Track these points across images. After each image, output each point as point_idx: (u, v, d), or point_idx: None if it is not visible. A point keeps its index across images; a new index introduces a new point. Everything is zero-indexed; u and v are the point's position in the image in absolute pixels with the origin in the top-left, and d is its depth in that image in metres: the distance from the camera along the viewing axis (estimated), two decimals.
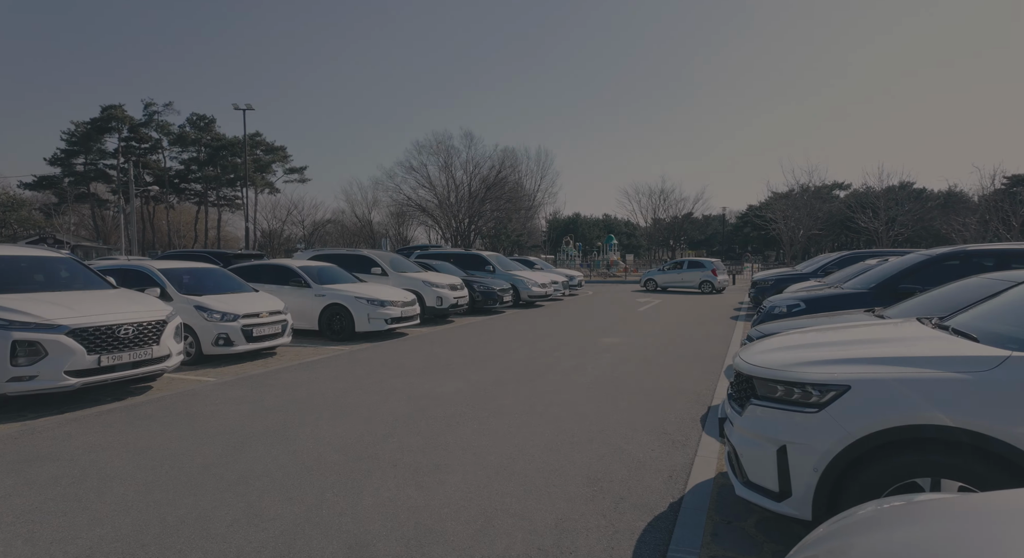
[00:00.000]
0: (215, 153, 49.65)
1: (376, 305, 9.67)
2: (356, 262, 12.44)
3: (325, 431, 4.63)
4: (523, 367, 7.36)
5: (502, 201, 48.60)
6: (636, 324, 12.11)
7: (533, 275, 16.97)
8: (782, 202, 36.69)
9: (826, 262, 12.78)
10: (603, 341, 9.66)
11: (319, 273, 10.41)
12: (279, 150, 53.19)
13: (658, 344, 9.31)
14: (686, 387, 6.21)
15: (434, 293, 11.96)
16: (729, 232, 78.71)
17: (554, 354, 8.37)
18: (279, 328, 8.22)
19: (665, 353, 8.41)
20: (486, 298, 14.11)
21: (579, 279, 21.61)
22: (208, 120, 51.49)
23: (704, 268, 22.42)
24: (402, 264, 12.90)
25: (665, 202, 41.29)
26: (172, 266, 8.50)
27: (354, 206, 50.04)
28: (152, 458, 4.01)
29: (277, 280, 10.18)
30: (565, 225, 71.89)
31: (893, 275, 6.14)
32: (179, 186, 54.03)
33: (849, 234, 42.50)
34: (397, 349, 8.90)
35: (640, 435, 4.50)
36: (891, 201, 33.05)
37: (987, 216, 28.87)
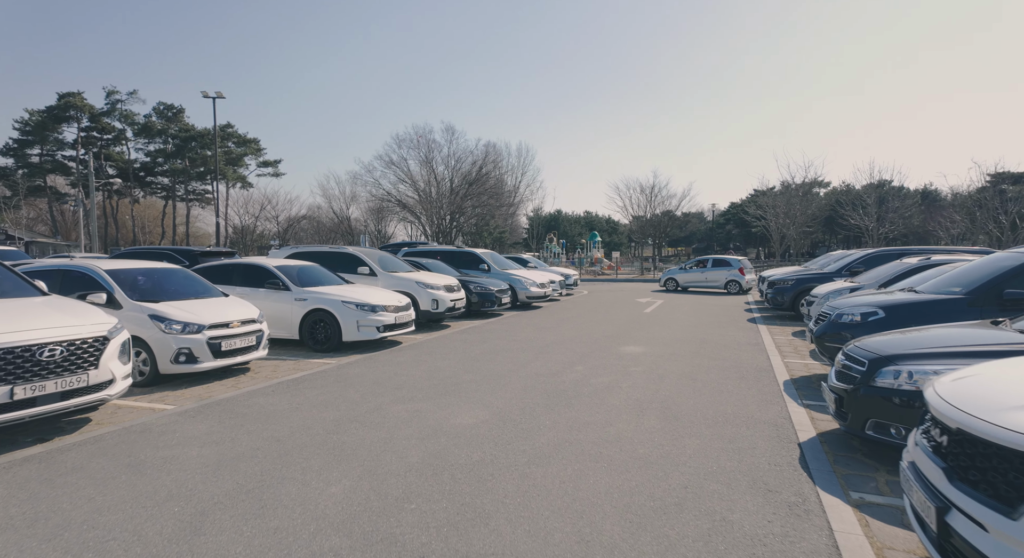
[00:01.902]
0: (183, 144, 47.06)
1: (367, 311, 8.43)
2: (340, 261, 11.14)
3: (317, 493, 3.45)
4: (546, 386, 6.25)
5: (484, 197, 47.39)
6: (650, 328, 11.11)
7: (531, 274, 15.86)
8: (771, 198, 36.29)
9: (850, 261, 11.99)
10: (624, 350, 8.61)
11: (299, 274, 9.11)
12: (252, 142, 50.83)
13: (687, 354, 8.30)
14: (753, 415, 5.18)
15: (429, 295, 10.75)
16: (710, 229, 78.95)
17: (576, 368, 7.28)
18: (253, 340, 6.94)
19: (702, 366, 7.40)
20: (483, 300, 12.95)
21: (575, 278, 20.60)
22: (176, 110, 48.85)
23: (731, 267, 21.02)
24: (392, 263, 11.64)
25: (657, 198, 40.60)
26: (124, 266, 7.13)
27: (331, 201, 48.22)
28: (62, 550, 2.77)
29: (250, 282, 8.85)
30: (547, 222, 70.95)
31: (993, 278, 5.22)
32: (145, 179, 51.21)
33: (840, 231, 42.55)
34: (393, 362, 7.69)
35: (739, 494, 3.43)
36: (883, 197, 32.90)
37: (976, 213, 28.90)
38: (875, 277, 10.14)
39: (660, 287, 22.67)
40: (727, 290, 20.81)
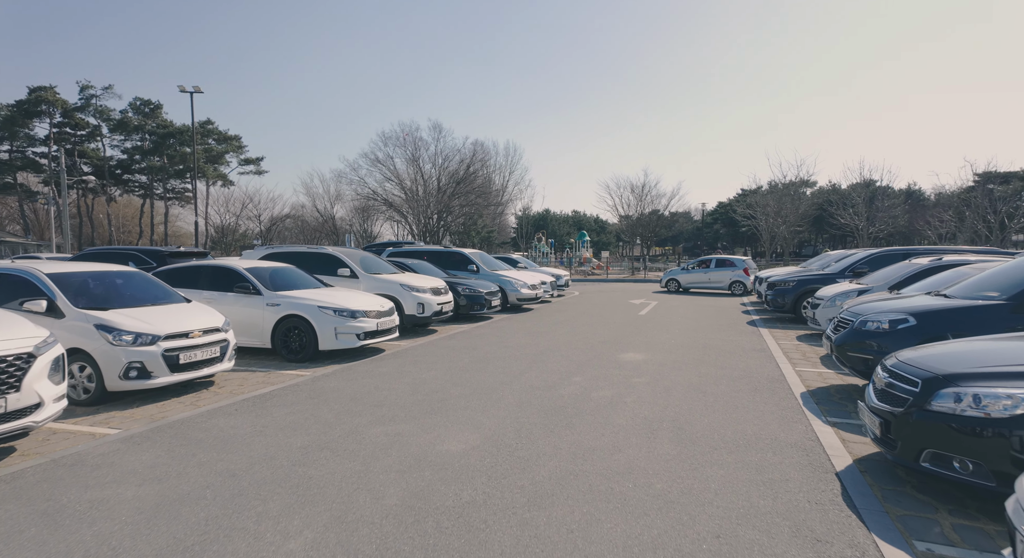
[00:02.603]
0: (161, 141, 45.62)
1: (346, 317, 7.75)
2: (319, 262, 10.43)
3: (271, 551, 2.81)
4: (543, 401, 5.65)
5: (472, 195, 46.71)
6: (648, 333, 10.57)
7: (521, 275, 15.26)
8: (762, 197, 36.09)
9: (853, 261, 11.56)
10: (624, 358, 8.05)
11: (272, 276, 8.40)
12: (233, 139, 49.49)
13: (691, 361, 7.76)
14: (776, 436, 4.62)
15: (414, 299, 10.09)
16: (697, 229, 79.07)
17: (573, 379, 6.69)
18: (217, 351, 6.24)
19: (709, 376, 6.85)
20: (472, 302, 12.31)
21: (566, 278, 20.04)
22: (154, 106, 47.32)
23: (735, 267, 20.34)
24: (375, 264, 10.96)
25: (647, 197, 40.19)
26: (70, 270, 6.38)
27: (315, 200, 47.11)
28: None
29: (218, 285, 8.13)
30: (535, 221, 70.46)
31: None
32: (122, 177, 49.62)
33: (827, 231, 42.52)
34: (373, 373, 7.04)
35: (783, 546, 2.85)
36: (873, 196, 32.84)
37: (965, 212, 28.90)
38: (883, 279, 9.71)
39: (661, 288, 22.03)
40: (731, 291, 20.13)
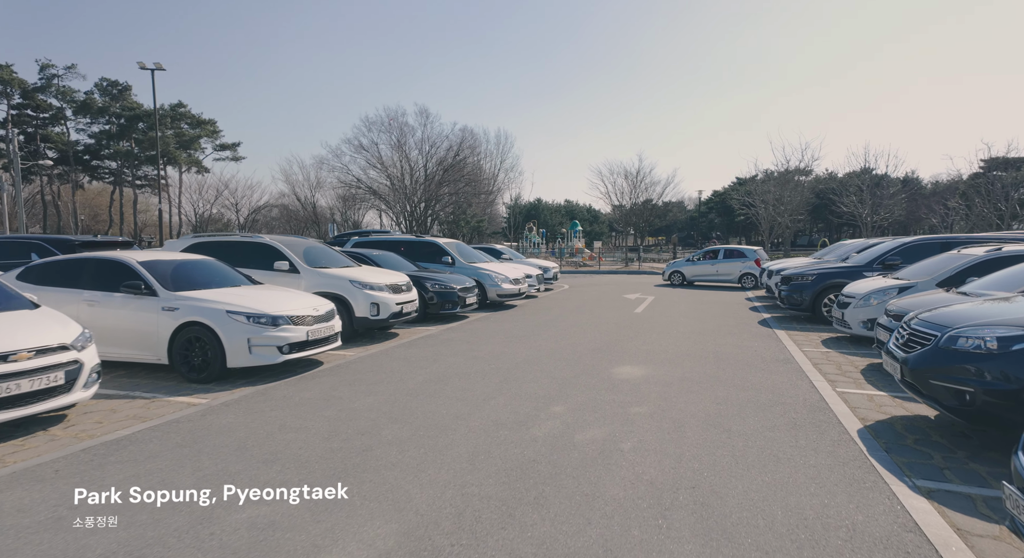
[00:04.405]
0: (129, 125, 43.12)
1: (263, 324, 6.05)
2: (252, 254, 8.70)
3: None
4: (507, 452, 4.01)
5: (461, 184, 44.88)
6: (646, 336, 8.96)
7: (502, 268, 13.58)
8: (762, 185, 34.52)
9: (882, 252, 9.99)
10: (619, 374, 6.43)
11: (177, 272, 6.65)
12: (208, 124, 47.03)
13: (704, 379, 6.15)
14: (855, 521, 3.02)
15: (367, 298, 8.39)
16: (691, 218, 77.66)
17: (553, 409, 5.06)
18: (58, 378, 4.52)
19: (730, 402, 5.23)
20: (443, 300, 10.63)
21: (554, 271, 18.41)
22: (122, 87, 44.70)
23: (745, 258, 18.57)
24: (322, 256, 9.22)
25: (641, 184, 38.51)
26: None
27: (295, 187, 44.98)
28: None
29: (103, 284, 6.38)
30: (527, 211, 68.67)
31: None
32: (90, 163, 47.12)
33: (827, 219, 41.14)
34: (291, 401, 5.36)
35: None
36: (877, 183, 31.41)
37: (976, 199, 27.55)
38: (925, 272, 8.15)
39: (664, 281, 20.36)
40: (741, 285, 18.42)
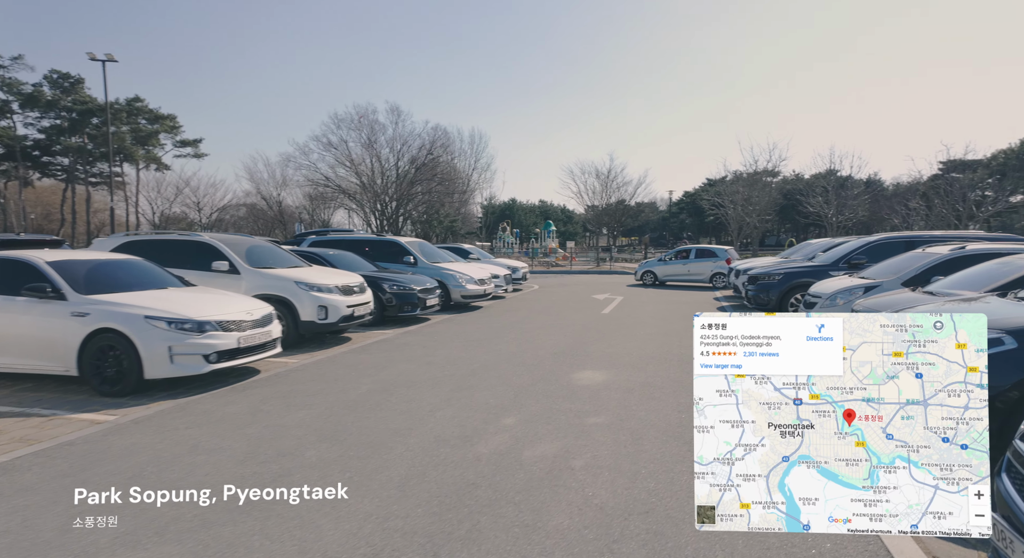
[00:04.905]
0: (82, 119, 40.99)
1: (187, 331, 5.46)
2: (189, 253, 8.03)
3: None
4: (445, 474, 3.57)
5: (434, 183, 44.18)
6: (611, 337, 8.63)
7: (467, 268, 13.12)
8: (731, 185, 34.88)
9: (848, 251, 9.90)
10: (579, 379, 6.05)
11: (92, 274, 5.99)
12: (167, 119, 45.06)
13: (667, 384, 5.82)
14: (825, 552, 2.67)
15: (313, 301, 7.82)
16: (663, 219, 78.48)
17: (504, 421, 4.64)
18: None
19: (691, 409, 4.90)
20: (401, 302, 10.11)
21: (523, 271, 18.02)
22: (74, 80, 42.42)
23: (716, 258, 18.59)
24: (267, 256, 8.60)
25: (614, 183, 38.48)
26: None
27: (259, 185, 43.57)
28: None
29: (4, 288, 5.69)
30: (501, 211, 68.29)
31: None
32: (40, 159, 44.65)
33: (794, 219, 41.91)
34: (212, 417, 4.80)
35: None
36: (841, 183, 32.08)
37: (935, 200, 28.36)
38: (890, 271, 8.02)
39: (636, 281, 20.22)
40: (712, 284, 18.41)
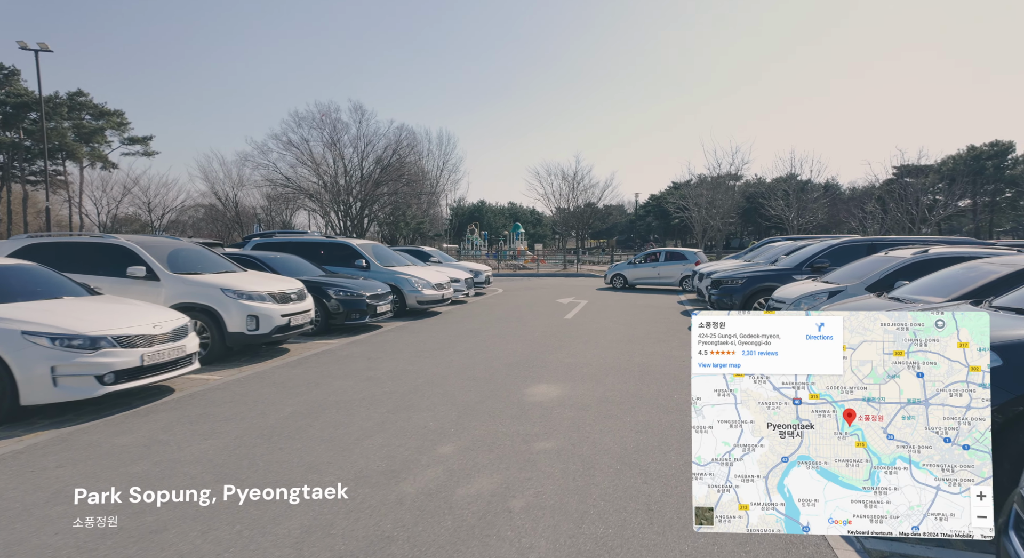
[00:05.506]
0: (17, 113, 38.38)
1: (75, 348, 4.70)
2: (103, 258, 7.17)
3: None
4: (355, 526, 2.98)
5: (400, 184, 43.15)
6: (572, 346, 8.17)
7: (424, 272, 12.47)
8: (696, 189, 35.19)
9: (811, 254, 9.72)
10: (531, 395, 5.54)
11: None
12: (113, 115, 42.66)
13: (626, 399, 5.36)
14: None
15: (242, 310, 7.07)
16: (630, 221, 79.26)
17: (440, 449, 4.07)
18: None
19: (652, 429, 4.43)
20: (349, 309, 9.42)
21: (486, 275, 17.45)
22: (8, 71, 39.72)
23: (686, 261, 18.37)
24: (194, 261, 7.79)
25: (579, 186, 38.35)
26: None
27: (215, 185, 41.69)
28: None
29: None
30: (470, 213, 67.66)
31: None
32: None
33: (756, 222, 42.68)
34: (99, 449, 4.08)
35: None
36: (802, 187, 32.74)
37: (890, 204, 29.22)
38: (853, 275, 7.83)
39: (606, 284, 19.95)
40: (682, 287, 18.18)
